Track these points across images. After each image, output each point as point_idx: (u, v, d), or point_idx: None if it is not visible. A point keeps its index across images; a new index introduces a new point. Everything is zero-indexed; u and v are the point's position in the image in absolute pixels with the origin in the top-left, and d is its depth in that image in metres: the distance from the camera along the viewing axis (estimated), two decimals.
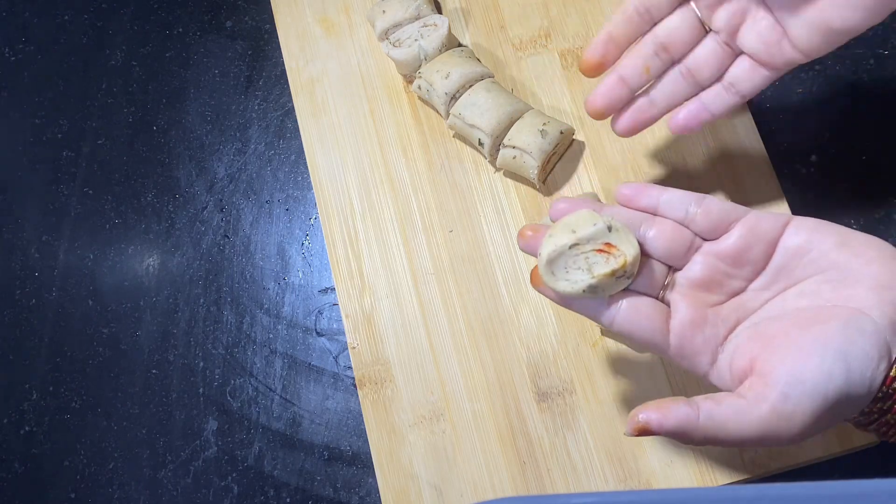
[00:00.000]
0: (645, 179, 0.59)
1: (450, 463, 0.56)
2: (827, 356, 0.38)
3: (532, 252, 0.45)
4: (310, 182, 0.64)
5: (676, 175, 0.59)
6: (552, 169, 0.60)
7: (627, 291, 0.44)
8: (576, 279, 0.45)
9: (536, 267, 0.45)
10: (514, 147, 0.57)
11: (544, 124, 0.58)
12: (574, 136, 0.61)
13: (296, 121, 0.65)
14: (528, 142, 0.57)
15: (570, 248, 0.45)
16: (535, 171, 0.57)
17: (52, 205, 0.68)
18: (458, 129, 0.60)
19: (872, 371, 0.39)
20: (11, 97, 0.72)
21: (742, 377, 0.41)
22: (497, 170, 0.61)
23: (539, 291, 0.46)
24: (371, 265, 0.61)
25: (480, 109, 0.58)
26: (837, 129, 0.60)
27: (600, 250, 0.46)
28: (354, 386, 0.59)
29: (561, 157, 0.61)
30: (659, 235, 0.44)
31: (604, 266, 0.45)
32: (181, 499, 0.60)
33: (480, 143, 0.59)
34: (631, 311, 0.43)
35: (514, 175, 0.61)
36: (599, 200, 0.57)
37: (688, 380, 0.54)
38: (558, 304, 0.45)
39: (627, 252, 0.46)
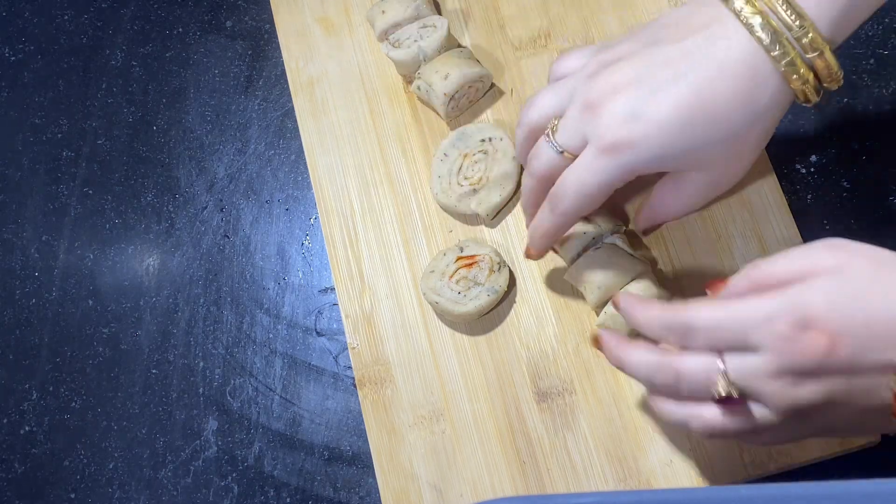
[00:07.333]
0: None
1: (450, 463, 0.56)
2: None
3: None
4: (310, 182, 0.64)
5: None
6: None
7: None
8: (473, 295, 0.56)
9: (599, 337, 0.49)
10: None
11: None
12: None
13: (296, 121, 0.65)
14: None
15: (440, 279, 0.56)
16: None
17: (52, 205, 0.68)
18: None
19: None
20: (11, 97, 0.72)
21: None
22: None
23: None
24: (371, 265, 0.61)
25: None
26: (837, 129, 0.60)
27: (464, 266, 0.56)
28: (354, 386, 0.59)
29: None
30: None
31: (482, 271, 0.56)
32: (181, 499, 0.60)
33: None
34: None
35: None
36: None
37: None
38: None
39: (482, 251, 0.57)
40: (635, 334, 0.55)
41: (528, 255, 0.55)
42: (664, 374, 0.44)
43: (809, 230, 0.58)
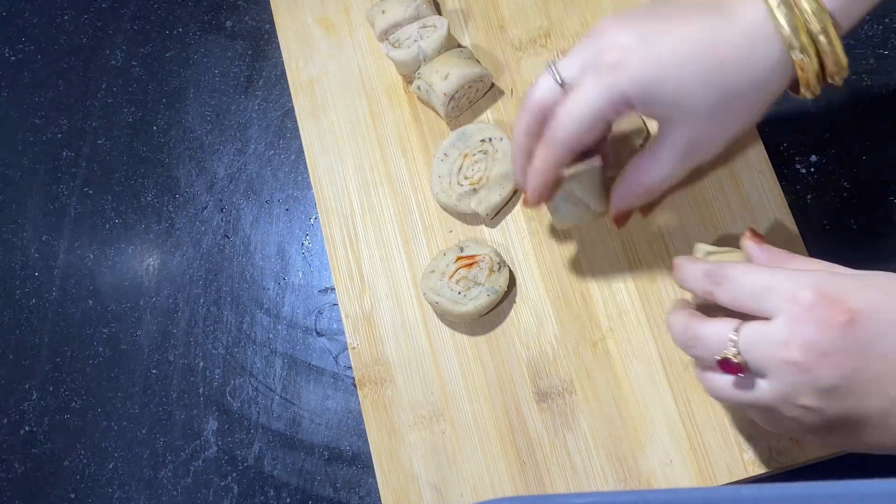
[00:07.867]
0: None
1: (450, 463, 0.56)
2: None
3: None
4: (310, 182, 0.64)
5: None
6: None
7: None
8: (473, 295, 0.56)
9: None
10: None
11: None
12: None
13: (296, 121, 0.65)
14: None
15: (440, 279, 0.56)
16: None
17: (52, 205, 0.68)
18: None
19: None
20: (11, 97, 0.72)
21: None
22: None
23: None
24: (371, 265, 0.61)
25: None
26: (837, 129, 0.60)
27: (464, 266, 0.56)
28: (354, 386, 0.59)
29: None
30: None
31: (482, 271, 0.56)
32: (181, 499, 0.60)
33: None
34: None
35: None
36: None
37: (688, 378, 0.54)
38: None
39: (482, 251, 0.56)
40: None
41: (525, 203, 0.53)
42: (687, 335, 0.45)
43: (809, 230, 0.58)
